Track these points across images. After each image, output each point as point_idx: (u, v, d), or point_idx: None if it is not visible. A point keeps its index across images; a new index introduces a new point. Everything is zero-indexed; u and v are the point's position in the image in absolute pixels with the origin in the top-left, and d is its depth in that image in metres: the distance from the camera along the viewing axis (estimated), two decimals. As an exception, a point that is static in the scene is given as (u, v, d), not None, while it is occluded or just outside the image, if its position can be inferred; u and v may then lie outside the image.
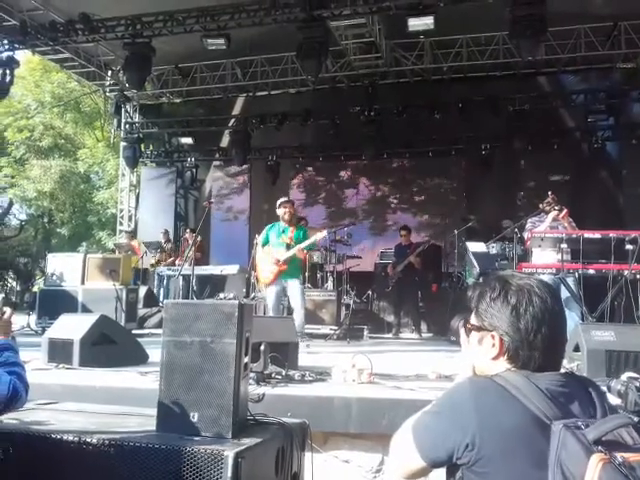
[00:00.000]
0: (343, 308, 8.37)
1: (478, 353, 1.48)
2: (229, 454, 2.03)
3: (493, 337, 1.44)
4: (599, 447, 1.20)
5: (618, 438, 1.23)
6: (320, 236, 6.18)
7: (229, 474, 1.99)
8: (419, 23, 8.31)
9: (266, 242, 6.22)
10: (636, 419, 1.88)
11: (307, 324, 6.36)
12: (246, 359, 2.49)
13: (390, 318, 8.98)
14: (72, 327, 4.33)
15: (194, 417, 2.30)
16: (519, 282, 1.45)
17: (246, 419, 2.50)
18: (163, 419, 2.34)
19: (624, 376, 1.90)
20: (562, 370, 1.47)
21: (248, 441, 2.22)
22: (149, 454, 2.09)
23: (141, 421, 2.51)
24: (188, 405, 2.32)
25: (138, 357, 4.43)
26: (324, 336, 7.57)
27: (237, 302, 2.40)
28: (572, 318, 5.36)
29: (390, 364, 4.94)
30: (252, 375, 3.39)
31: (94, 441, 2.13)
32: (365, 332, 7.76)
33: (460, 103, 10.59)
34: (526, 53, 7.77)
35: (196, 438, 2.23)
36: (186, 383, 2.33)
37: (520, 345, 1.41)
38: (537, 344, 1.39)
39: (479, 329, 1.49)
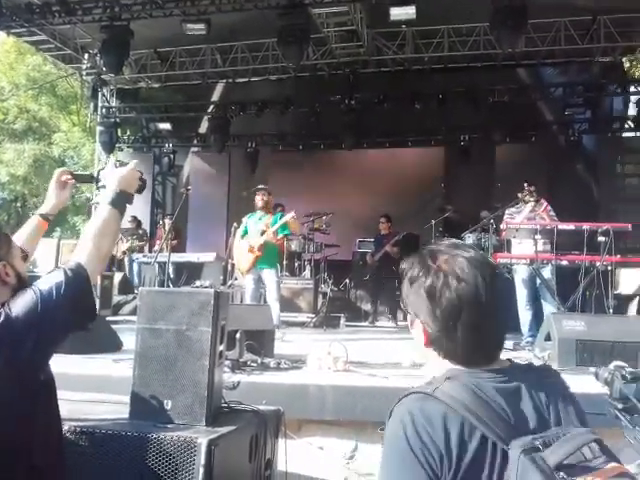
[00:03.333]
0: (320, 296, 8.41)
1: (414, 337, 1.32)
2: (202, 442, 2.03)
3: (420, 323, 1.30)
4: (561, 474, 1.08)
5: (580, 457, 1.11)
6: (288, 217, 6.16)
7: (202, 462, 2.00)
8: (401, 12, 8.29)
9: (246, 232, 6.21)
10: (620, 406, 1.91)
11: (284, 312, 6.37)
12: (221, 347, 2.49)
13: (367, 306, 9.05)
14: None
15: (168, 405, 2.30)
16: (442, 258, 1.28)
17: (220, 407, 2.50)
18: (136, 407, 2.33)
19: (612, 365, 1.94)
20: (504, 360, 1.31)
21: (222, 429, 2.22)
22: (121, 441, 2.09)
23: (114, 408, 2.50)
24: (162, 393, 2.31)
25: (112, 344, 4.40)
26: (301, 324, 7.60)
27: (213, 290, 2.40)
28: (547, 308, 5.46)
29: (366, 352, 4.98)
30: (227, 363, 3.38)
31: (65, 427, 2.11)
32: (342, 320, 7.80)
33: (440, 94, 10.63)
34: (506, 45, 7.82)
35: (169, 426, 2.22)
36: (160, 371, 2.33)
37: (440, 335, 1.26)
38: (458, 334, 1.23)
39: (408, 312, 1.35)
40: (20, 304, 1.61)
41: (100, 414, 2.42)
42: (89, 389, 3.12)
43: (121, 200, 1.93)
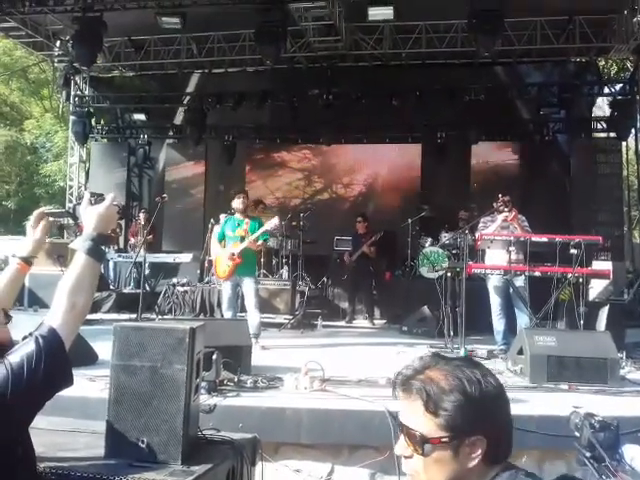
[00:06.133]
0: (298, 295, 8.41)
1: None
2: (179, 488, 2.04)
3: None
4: None
5: None
6: (272, 224, 6.10)
7: (179, 508, 2.01)
8: (379, 13, 8.25)
9: (222, 237, 6.16)
10: (588, 454, 2.00)
11: (261, 313, 6.36)
12: (197, 381, 2.49)
13: (344, 305, 9.10)
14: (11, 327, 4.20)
15: (143, 443, 2.30)
16: None
17: (197, 438, 2.50)
18: (112, 444, 2.32)
19: (583, 411, 2.03)
20: None
21: (198, 468, 2.22)
22: (96, 486, 2.08)
23: (90, 441, 2.49)
24: (137, 431, 2.30)
25: (86, 358, 4.33)
26: (279, 325, 7.62)
27: (188, 327, 2.39)
28: (522, 317, 5.55)
29: (343, 361, 5.05)
30: (204, 384, 3.38)
31: (40, 469, 2.10)
32: (319, 322, 7.82)
33: (417, 91, 10.61)
34: (483, 48, 7.85)
35: (145, 465, 2.22)
36: (135, 408, 2.31)
37: None
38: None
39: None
40: None
41: (76, 449, 2.41)
42: (66, 413, 3.09)
43: (98, 246, 1.82)
